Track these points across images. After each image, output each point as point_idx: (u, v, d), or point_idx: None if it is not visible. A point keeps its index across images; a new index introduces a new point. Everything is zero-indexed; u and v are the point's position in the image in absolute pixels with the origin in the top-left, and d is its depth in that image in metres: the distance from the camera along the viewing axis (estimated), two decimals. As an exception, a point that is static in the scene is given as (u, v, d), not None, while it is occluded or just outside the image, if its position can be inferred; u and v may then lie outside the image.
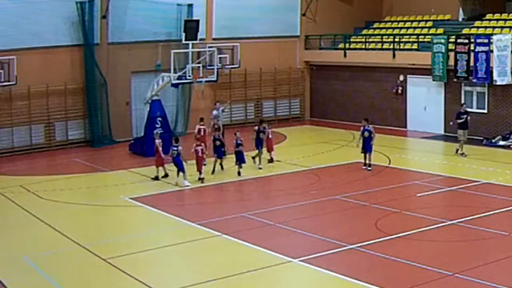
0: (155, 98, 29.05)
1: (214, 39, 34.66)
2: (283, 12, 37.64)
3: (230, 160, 25.13)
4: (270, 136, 26.18)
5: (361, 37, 37.33)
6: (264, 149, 25.70)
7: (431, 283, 13.65)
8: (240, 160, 24.15)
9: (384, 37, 35.62)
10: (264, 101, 37.35)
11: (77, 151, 30.27)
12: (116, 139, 31.94)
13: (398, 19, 38.00)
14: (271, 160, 26.07)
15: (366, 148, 24.47)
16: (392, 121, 34.47)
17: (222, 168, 24.80)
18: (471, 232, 16.91)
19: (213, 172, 24.22)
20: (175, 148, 22.84)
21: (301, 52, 38.43)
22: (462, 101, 29.69)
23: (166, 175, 23.91)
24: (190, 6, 33.46)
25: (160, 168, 23.91)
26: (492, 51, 29.23)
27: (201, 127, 26.70)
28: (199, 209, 20.35)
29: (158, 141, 23.95)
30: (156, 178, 23.81)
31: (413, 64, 33.10)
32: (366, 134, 24.40)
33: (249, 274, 14.55)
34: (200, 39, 31.92)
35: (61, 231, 18.02)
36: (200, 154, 23.28)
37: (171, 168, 23.44)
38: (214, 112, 28.94)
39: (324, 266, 14.74)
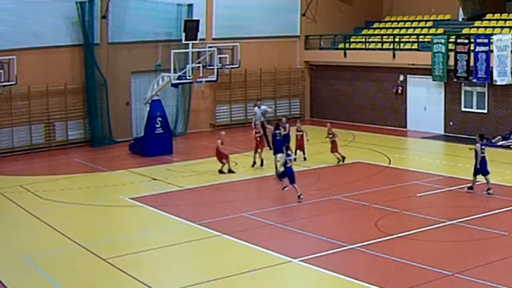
0: (155, 98, 29.06)
1: (214, 39, 34.67)
2: (283, 12, 37.62)
3: (233, 160, 25.09)
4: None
5: (361, 37, 37.31)
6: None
7: (431, 283, 13.66)
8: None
9: (384, 37, 35.61)
10: (264, 101, 37.29)
11: (77, 151, 30.26)
12: (116, 139, 31.94)
13: (398, 19, 37.99)
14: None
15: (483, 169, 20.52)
16: (392, 121, 34.47)
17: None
18: (471, 232, 16.91)
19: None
20: (290, 158, 20.58)
21: (301, 52, 38.41)
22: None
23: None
24: (190, 6, 33.45)
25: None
26: (492, 51, 29.23)
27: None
28: (199, 209, 20.33)
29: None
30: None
31: (413, 64, 33.10)
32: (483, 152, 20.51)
33: (249, 274, 14.55)
34: (200, 39, 31.90)
35: (61, 231, 18.03)
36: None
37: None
38: (263, 107, 29.03)
39: (324, 266, 14.75)
